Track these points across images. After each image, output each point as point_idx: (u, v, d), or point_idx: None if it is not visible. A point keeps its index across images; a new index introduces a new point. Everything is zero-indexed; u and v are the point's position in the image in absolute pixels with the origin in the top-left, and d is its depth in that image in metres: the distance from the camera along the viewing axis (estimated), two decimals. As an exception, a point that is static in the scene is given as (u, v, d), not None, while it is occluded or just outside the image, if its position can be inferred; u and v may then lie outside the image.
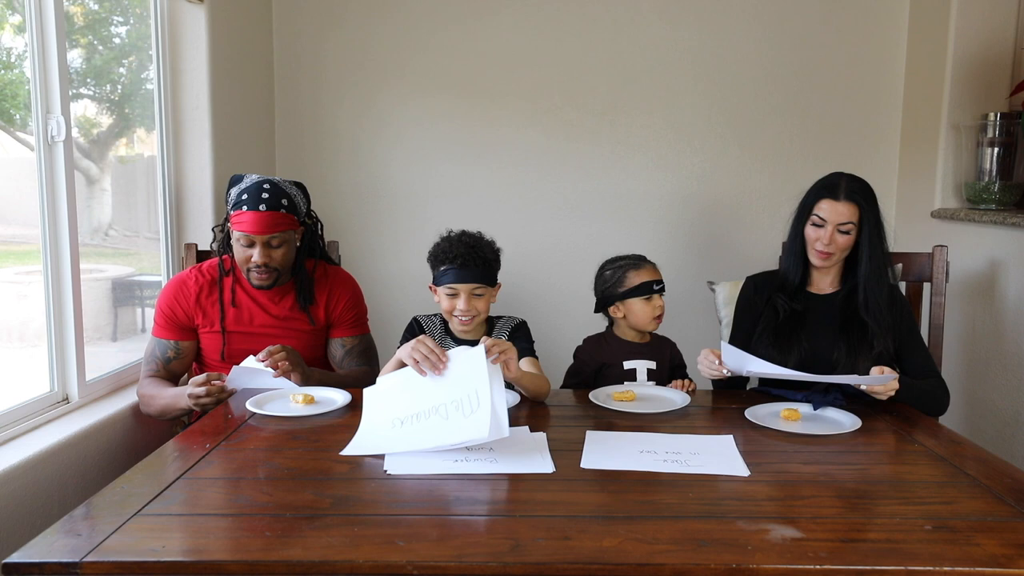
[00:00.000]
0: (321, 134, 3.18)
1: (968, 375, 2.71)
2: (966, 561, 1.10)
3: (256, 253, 2.08)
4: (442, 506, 1.31)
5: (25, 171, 2.02)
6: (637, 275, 2.13)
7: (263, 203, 2.07)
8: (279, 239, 2.10)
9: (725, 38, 3.11)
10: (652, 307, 2.12)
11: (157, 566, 1.10)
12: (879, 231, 1.98)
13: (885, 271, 2.00)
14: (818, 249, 1.99)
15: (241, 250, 2.10)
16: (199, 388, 1.92)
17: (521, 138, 3.16)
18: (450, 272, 1.95)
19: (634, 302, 2.12)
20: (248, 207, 2.06)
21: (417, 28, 3.11)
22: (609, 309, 2.17)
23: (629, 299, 2.12)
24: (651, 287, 2.12)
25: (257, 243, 2.08)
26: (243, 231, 2.07)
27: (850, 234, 1.96)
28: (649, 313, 2.12)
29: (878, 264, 1.98)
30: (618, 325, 2.19)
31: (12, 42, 2.02)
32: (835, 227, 1.95)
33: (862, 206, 1.95)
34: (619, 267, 2.17)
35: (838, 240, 1.96)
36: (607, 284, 2.16)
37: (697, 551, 1.12)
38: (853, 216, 1.95)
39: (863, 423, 1.70)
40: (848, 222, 1.95)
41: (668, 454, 1.52)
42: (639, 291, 2.11)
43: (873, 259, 1.97)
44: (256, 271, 2.10)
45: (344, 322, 2.26)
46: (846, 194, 1.95)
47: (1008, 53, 2.79)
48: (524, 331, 2.08)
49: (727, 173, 3.18)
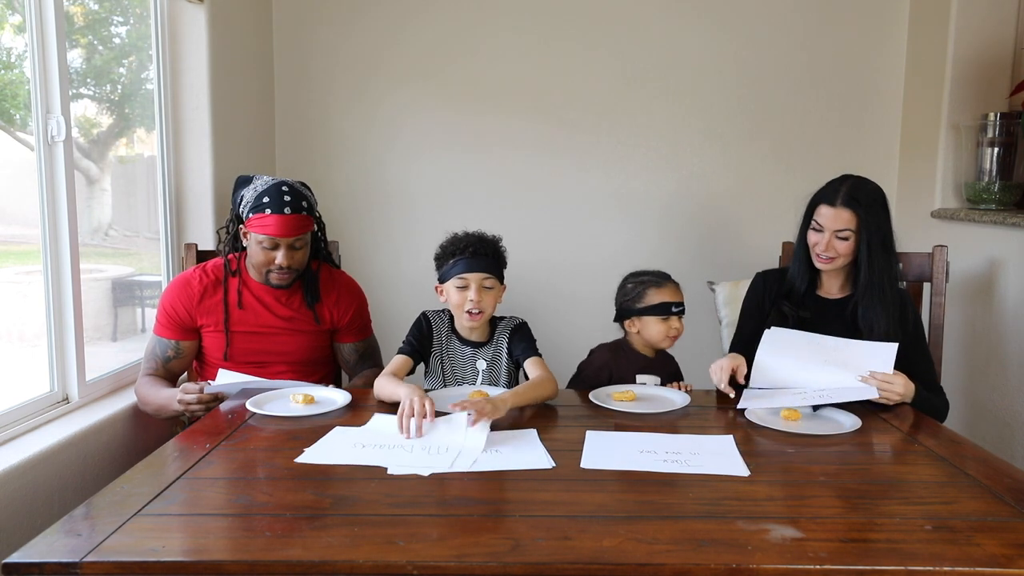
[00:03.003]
0: (321, 134, 3.18)
1: (968, 375, 2.71)
2: (966, 561, 1.10)
3: (281, 255, 2.09)
4: (442, 506, 1.31)
5: (25, 171, 2.02)
6: (657, 294, 2.11)
7: (287, 206, 2.07)
8: (302, 241, 2.12)
9: (726, 38, 3.11)
10: (668, 327, 2.10)
11: (157, 566, 1.10)
12: (881, 239, 1.93)
13: (887, 280, 1.94)
14: (817, 254, 1.98)
15: (263, 252, 2.10)
16: (189, 396, 1.95)
17: (521, 138, 3.16)
18: (460, 262, 1.95)
19: (650, 320, 2.11)
20: (272, 210, 2.06)
21: (417, 28, 3.11)
22: (625, 322, 2.17)
23: (646, 316, 2.11)
24: (669, 308, 2.09)
25: (282, 246, 2.08)
26: (268, 234, 2.07)
27: (849, 240, 1.93)
28: (663, 332, 2.10)
29: (879, 273, 1.93)
30: (631, 339, 2.19)
31: (12, 42, 2.02)
32: (832, 233, 1.93)
33: (859, 213, 1.91)
34: (641, 283, 2.15)
35: (836, 246, 1.94)
36: (627, 297, 2.15)
37: (697, 551, 1.12)
38: (850, 223, 1.92)
39: (863, 423, 1.70)
40: (845, 229, 1.92)
41: (668, 454, 1.52)
42: (656, 310, 2.10)
43: (872, 269, 1.93)
44: (278, 273, 2.12)
45: (352, 329, 2.29)
46: (844, 200, 1.92)
47: (1008, 53, 2.79)
48: (525, 331, 2.08)
49: (728, 173, 3.18)
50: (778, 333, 1.96)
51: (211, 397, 1.95)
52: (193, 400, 1.94)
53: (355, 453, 1.52)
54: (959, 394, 2.69)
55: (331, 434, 1.64)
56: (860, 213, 1.92)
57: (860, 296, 1.96)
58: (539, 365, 1.97)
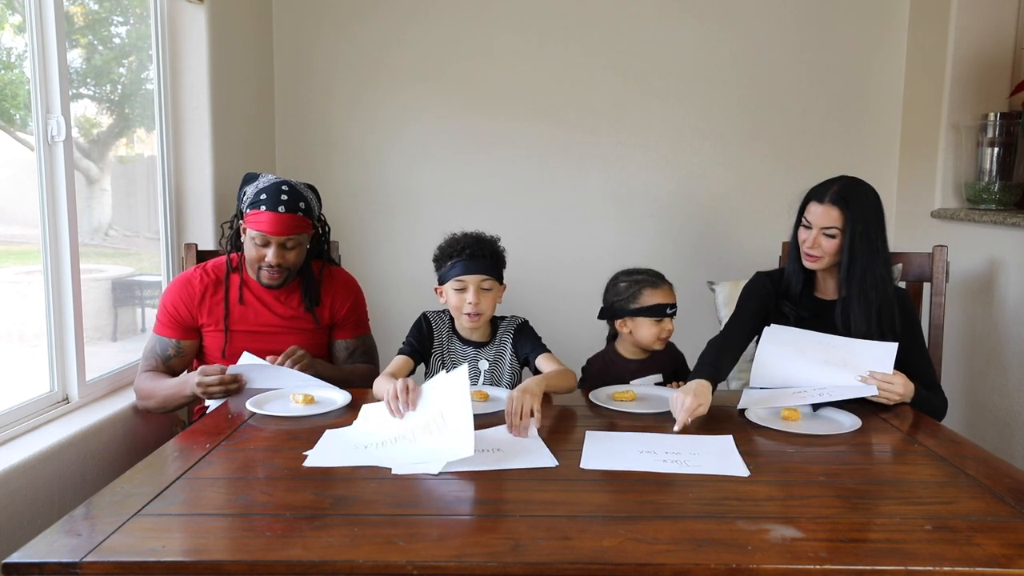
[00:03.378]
0: (321, 134, 3.18)
1: (968, 375, 2.71)
2: (966, 561, 1.10)
3: (270, 253, 2.09)
4: (442, 506, 1.31)
5: (25, 171, 2.02)
6: (652, 295, 2.07)
7: (282, 204, 2.07)
8: (294, 241, 2.12)
9: (726, 38, 3.11)
10: (661, 329, 2.08)
11: (157, 566, 1.10)
12: (867, 239, 1.90)
13: (869, 281, 1.91)
14: (804, 251, 1.98)
15: (255, 249, 2.11)
16: (210, 377, 1.93)
17: (521, 138, 3.16)
18: (458, 264, 1.95)
19: (644, 321, 2.07)
20: (267, 207, 2.07)
21: (417, 29, 3.11)
22: (616, 322, 2.14)
23: (639, 317, 2.08)
24: (664, 310, 2.07)
25: (272, 243, 2.09)
26: (260, 231, 2.07)
27: (836, 238, 1.92)
28: (656, 335, 2.08)
29: (860, 274, 1.90)
30: (621, 339, 2.15)
31: (12, 42, 2.02)
32: (820, 230, 1.93)
33: (846, 211, 1.90)
34: (635, 282, 2.11)
35: (823, 243, 1.93)
36: (619, 297, 2.11)
37: (697, 551, 1.12)
38: (837, 221, 1.91)
39: (863, 423, 1.70)
40: (832, 226, 1.91)
41: (668, 454, 1.52)
42: (651, 312, 2.06)
43: (853, 268, 1.90)
44: (268, 270, 2.12)
45: (348, 324, 2.28)
46: (832, 198, 1.92)
47: (1008, 53, 2.79)
48: (529, 330, 2.08)
49: (727, 173, 3.18)
50: (777, 330, 1.96)
51: (232, 378, 1.94)
52: (214, 381, 1.93)
53: (359, 454, 1.51)
54: (959, 394, 2.69)
55: (328, 435, 1.62)
56: (846, 211, 1.91)
57: (842, 295, 1.95)
58: (554, 360, 1.97)
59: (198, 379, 1.95)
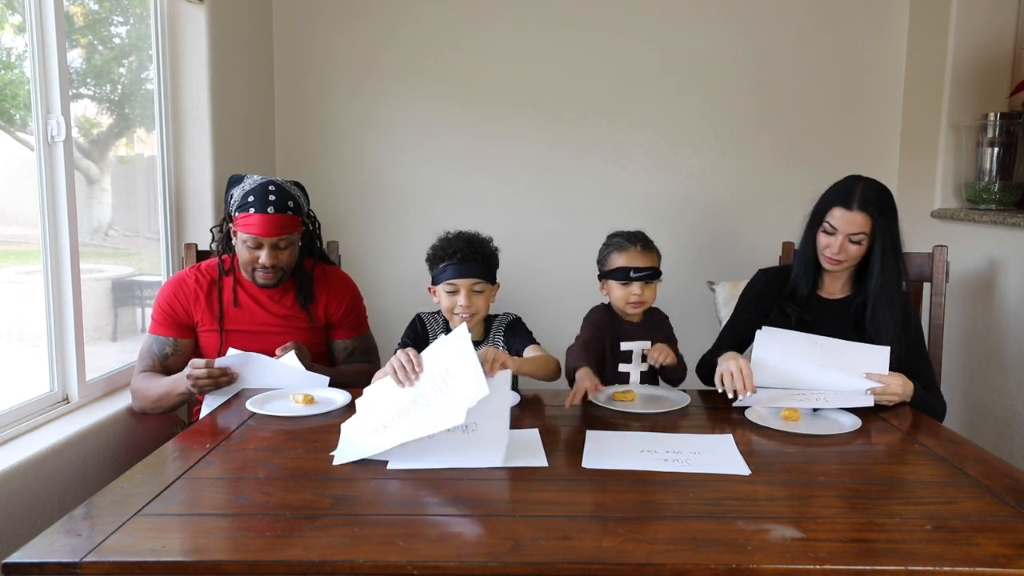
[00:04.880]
0: (321, 134, 3.18)
1: (968, 375, 2.71)
2: (966, 561, 1.10)
3: (264, 255, 2.09)
4: (442, 506, 1.31)
5: (25, 171, 2.02)
6: (619, 257, 2.04)
7: (271, 205, 2.07)
8: (286, 241, 2.12)
9: (725, 38, 3.11)
10: (628, 293, 2.02)
11: (157, 566, 1.10)
12: (893, 243, 1.93)
13: (898, 284, 1.94)
14: (828, 256, 1.97)
15: (247, 251, 2.11)
16: (199, 370, 1.93)
17: (521, 138, 3.16)
18: (449, 268, 1.95)
19: (613, 284, 2.05)
20: (256, 209, 2.06)
21: (417, 28, 3.11)
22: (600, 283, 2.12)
23: (610, 280, 2.06)
24: (627, 273, 2.02)
25: (265, 245, 2.09)
26: (251, 233, 2.07)
27: (861, 244, 1.93)
28: (623, 297, 2.03)
29: (890, 277, 1.93)
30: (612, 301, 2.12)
31: (12, 42, 2.02)
32: (846, 236, 1.92)
33: (875, 217, 1.90)
34: (608, 244, 2.09)
35: (849, 249, 1.93)
36: (599, 258, 2.11)
37: (697, 551, 1.12)
38: (865, 227, 1.91)
39: (863, 423, 1.70)
40: (860, 232, 1.91)
41: (668, 454, 1.52)
42: (617, 275, 2.03)
43: (885, 272, 1.92)
44: (262, 272, 2.12)
45: (345, 324, 2.28)
46: (859, 204, 1.91)
47: (1008, 53, 2.79)
48: (520, 326, 2.08)
49: (727, 173, 3.18)
50: (771, 333, 1.95)
51: (220, 372, 1.94)
52: (203, 374, 1.93)
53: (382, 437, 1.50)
54: (959, 394, 2.69)
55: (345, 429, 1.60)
56: (875, 217, 1.91)
57: (872, 299, 1.95)
58: (539, 349, 1.98)
59: (187, 371, 1.95)
